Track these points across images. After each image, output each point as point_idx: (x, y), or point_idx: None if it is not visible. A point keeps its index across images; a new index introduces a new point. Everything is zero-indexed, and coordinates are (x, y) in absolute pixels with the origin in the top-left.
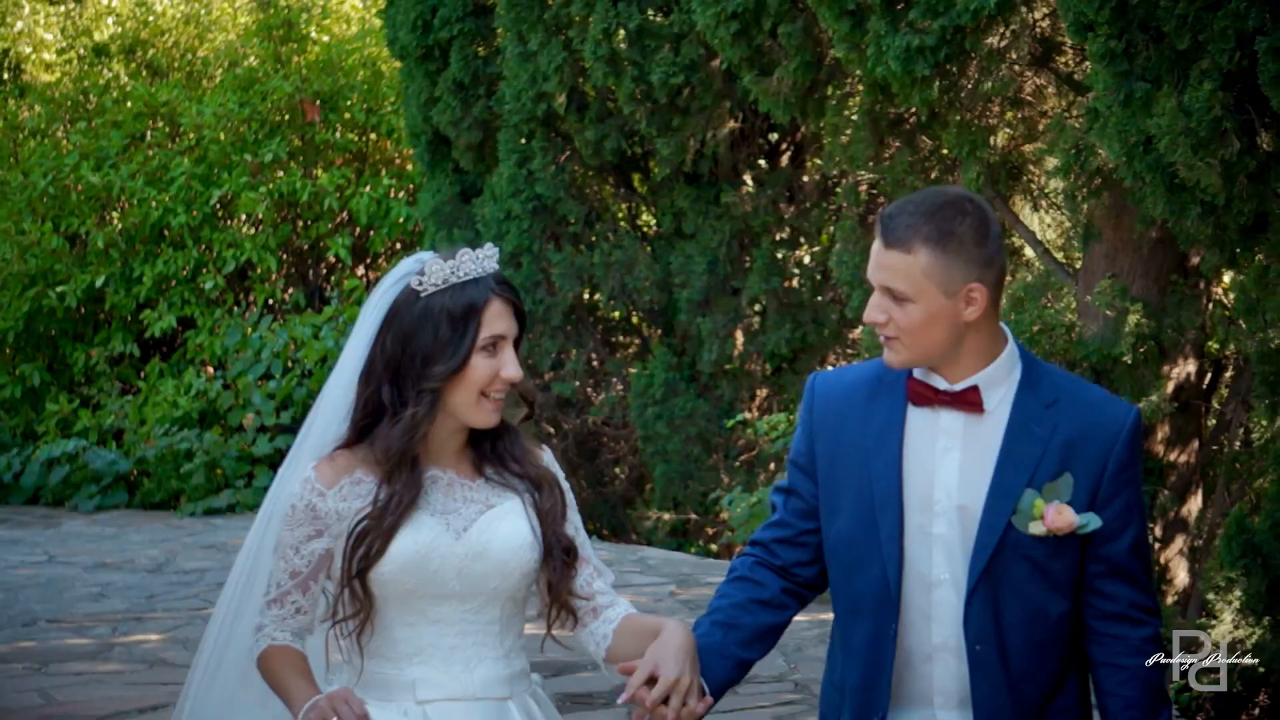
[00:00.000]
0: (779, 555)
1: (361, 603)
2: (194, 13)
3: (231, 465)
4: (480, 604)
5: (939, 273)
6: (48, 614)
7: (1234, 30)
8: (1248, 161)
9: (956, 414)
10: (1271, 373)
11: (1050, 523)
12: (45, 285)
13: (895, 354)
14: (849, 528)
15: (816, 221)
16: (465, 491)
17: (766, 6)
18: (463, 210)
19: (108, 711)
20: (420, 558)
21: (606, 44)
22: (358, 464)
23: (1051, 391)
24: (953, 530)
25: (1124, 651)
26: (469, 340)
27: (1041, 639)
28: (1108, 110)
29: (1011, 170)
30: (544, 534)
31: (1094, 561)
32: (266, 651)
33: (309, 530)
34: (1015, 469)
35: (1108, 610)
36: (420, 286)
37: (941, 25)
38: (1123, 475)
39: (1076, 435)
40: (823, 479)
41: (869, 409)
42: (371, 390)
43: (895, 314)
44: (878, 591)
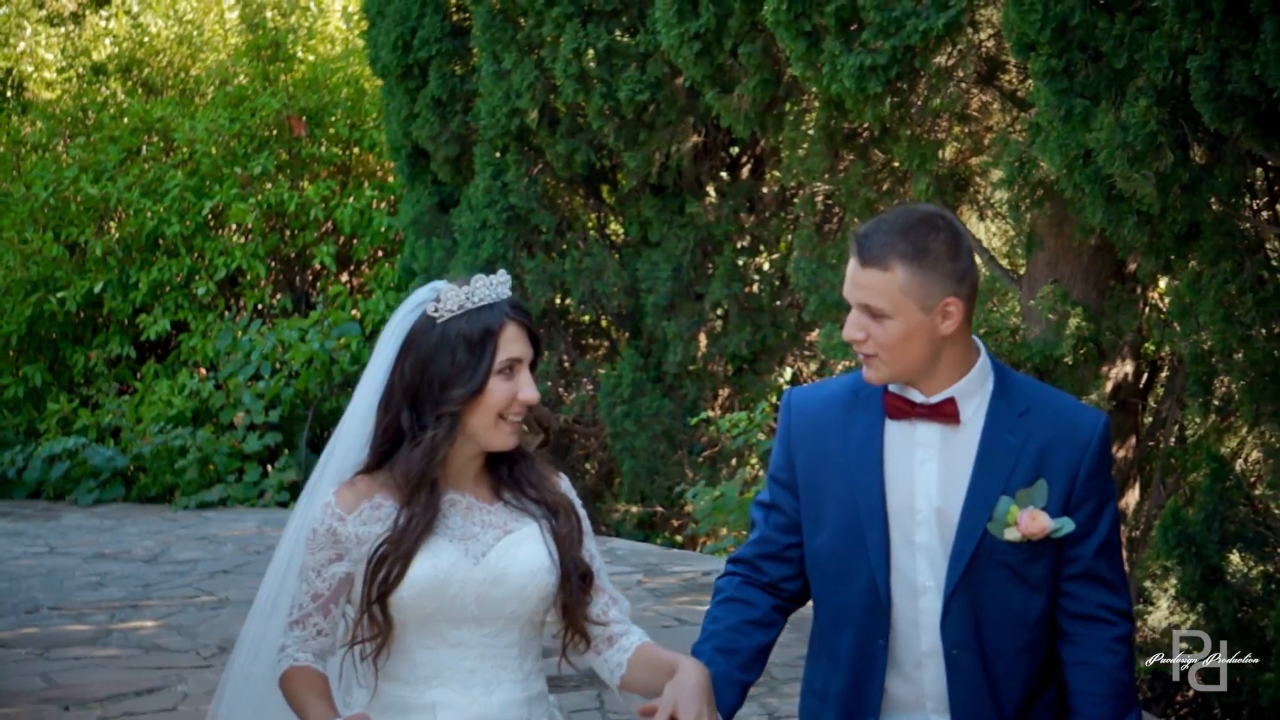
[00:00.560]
0: (766, 571)
1: (380, 627)
2: (187, 34)
3: (223, 461)
4: (499, 628)
5: (916, 289)
6: (49, 602)
7: (1168, 50)
8: (1181, 174)
9: (933, 425)
10: (1204, 373)
11: (1024, 528)
12: (46, 291)
13: (875, 371)
14: (834, 540)
15: (775, 230)
16: (483, 515)
17: (727, 27)
18: (441, 220)
19: (106, 694)
20: (439, 582)
21: (576, 63)
22: (377, 489)
23: (1023, 400)
24: (934, 538)
25: (1093, 650)
26: (486, 364)
27: (1023, 641)
28: (1049, 125)
29: (959, 182)
30: (561, 559)
31: (1066, 564)
32: (288, 672)
33: (330, 554)
34: (990, 477)
35: (1078, 610)
36: (436, 313)
37: (893, 45)
38: (1093, 480)
39: (1049, 442)
40: (804, 493)
41: (847, 423)
42: (391, 416)
43: (874, 331)
44: (866, 601)
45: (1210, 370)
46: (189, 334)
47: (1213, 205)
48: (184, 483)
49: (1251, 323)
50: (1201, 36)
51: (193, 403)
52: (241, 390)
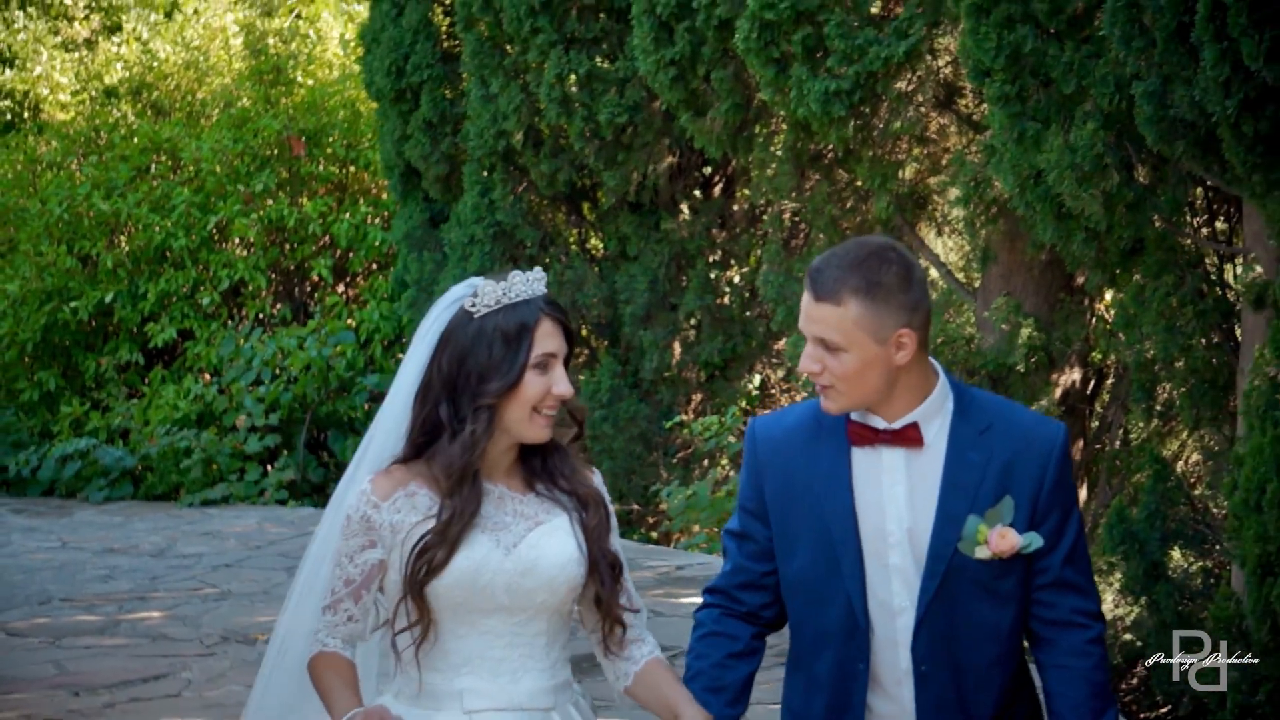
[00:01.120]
0: (743, 601)
1: (422, 614)
2: (193, 59)
3: (226, 461)
4: (527, 617)
5: (870, 322)
6: (61, 594)
7: (1114, 77)
8: (1126, 193)
9: (897, 450)
10: (1147, 380)
11: (994, 547)
12: (60, 301)
13: (832, 401)
14: (809, 566)
15: (745, 245)
16: (516, 505)
17: (701, 55)
18: (432, 235)
19: (114, 681)
20: (471, 573)
21: (559, 87)
22: (412, 478)
23: (983, 418)
24: (906, 559)
25: (1069, 654)
26: (522, 358)
27: (995, 654)
28: (1003, 147)
29: (918, 200)
30: (590, 550)
31: (1036, 574)
32: (317, 656)
33: (363, 540)
34: (957, 496)
35: (1052, 617)
36: (473, 308)
37: (856, 71)
38: (1057, 492)
39: (1012, 458)
40: (775, 521)
41: (812, 452)
42: (429, 408)
43: (830, 363)
44: (845, 624)
45: (1153, 378)
46: (194, 341)
47: (1155, 223)
48: (189, 481)
49: (1192, 333)
50: (1145, 64)
51: (197, 406)
52: (243, 395)
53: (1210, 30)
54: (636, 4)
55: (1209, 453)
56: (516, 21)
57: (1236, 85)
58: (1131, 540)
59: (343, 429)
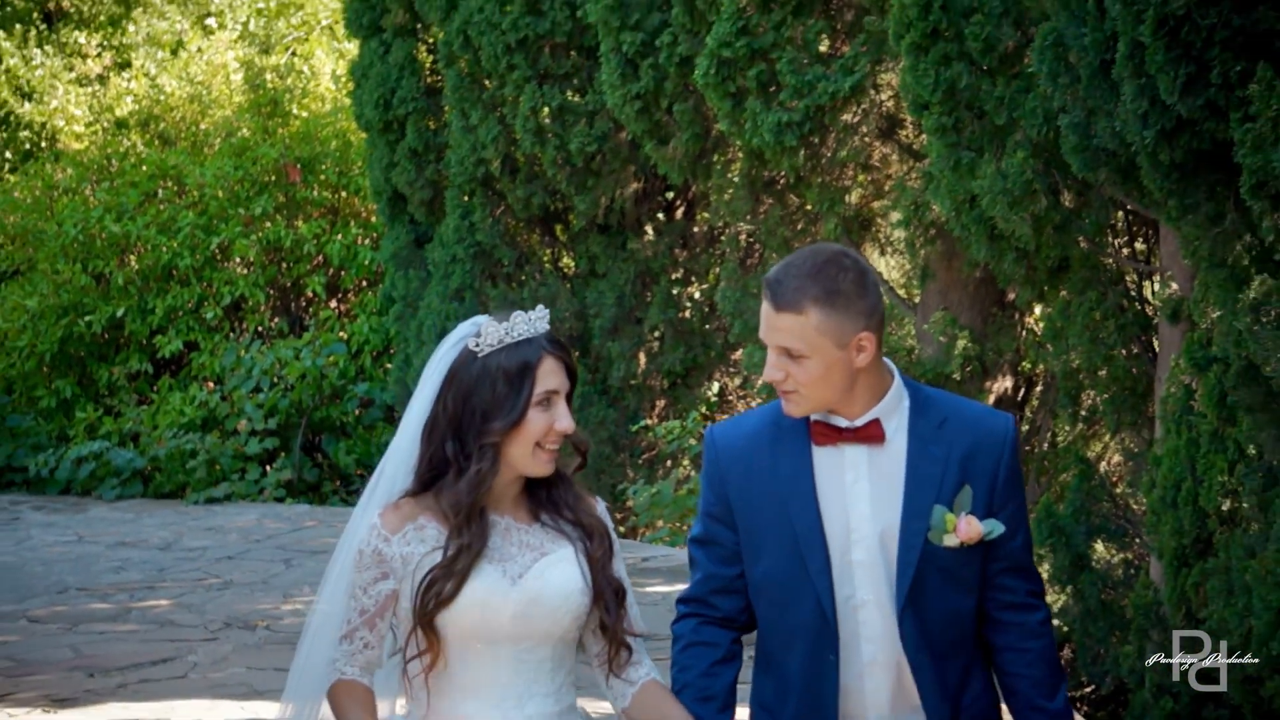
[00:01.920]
0: (718, 606)
1: (431, 644)
2: (197, 93)
3: (228, 462)
4: (533, 645)
5: (831, 328)
6: (77, 584)
7: (1041, 109)
8: (1053, 216)
9: (859, 447)
10: (1073, 387)
11: (963, 534)
12: (76, 315)
13: (795, 406)
14: (776, 567)
15: (705, 264)
16: (521, 536)
17: (664, 89)
18: (417, 254)
19: (126, 663)
20: (479, 603)
21: (534, 119)
22: (421, 511)
23: (938, 413)
24: (871, 554)
25: (1025, 635)
26: (525, 396)
27: (955, 638)
28: (940, 174)
29: (863, 223)
30: (594, 579)
31: (994, 560)
32: (336, 685)
33: (375, 573)
34: (922, 489)
35: (1008, 601)
36: (477, 348)
37: (806, 104)
38: (1012, 481)
39: (969, 449)
40: (741, 526)
41: (774, 455)
42: (435, 446)
43: (793, 370)
44: (814, 622)
45: (1078, 385)
46: (199, 352)
47: (1080, 243)
48: (194, 481)
49: (1113, 344)
50: (1070, 98)
51: (202, 412)
52: (244, 401)
53: (1130, 68)
54: (604, 42)
55: (1129, 454)
56: (494, 59)
57: (1154, 118)
58: (1058, 534)
59: (335, 432)
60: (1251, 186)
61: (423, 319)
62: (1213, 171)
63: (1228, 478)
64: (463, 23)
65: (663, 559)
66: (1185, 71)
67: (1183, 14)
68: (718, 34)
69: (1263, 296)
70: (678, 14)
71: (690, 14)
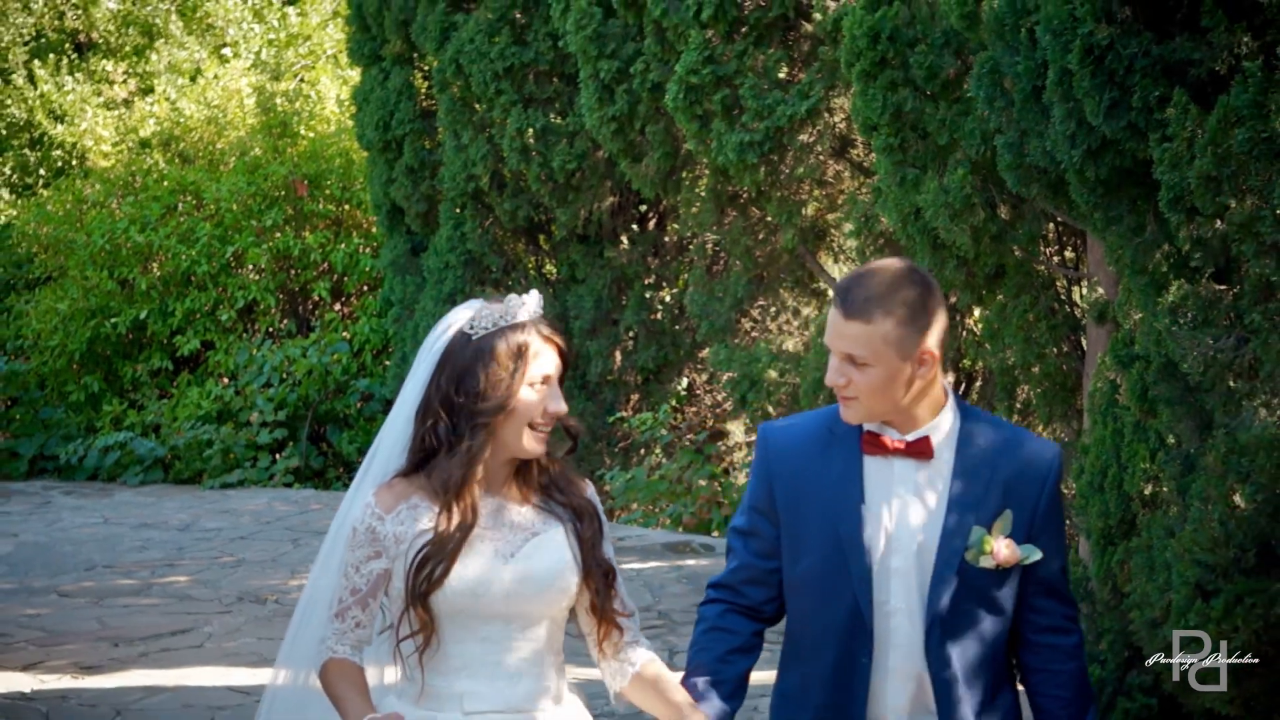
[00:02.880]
0: (747, 595)
1: (424, 624)
2: (214, 116)
3: (241, 451)
4: (525, 623)
5: (897, 340)
6: (104, 561)
7: (979, 130)
8: (990, 227)
9: (908, 461)
10: (1008, 383)
11: (1000, 557)
12: (103, 317)
13: (853, 412)
14: (817, 566)
15: (675, 270)
16: (513, 517)
17: (637, 112)
18: (413, 262)
19: (147, 634)
20: (472, 582)
21: (519, 139)
22: (414, 491)
23: (987, 436)
24: (908, 564)
25: (1058, 658)
26: (518, 378)
27: (985, 657)
28: (888, 189)
29: (818, 233)
30: (584, 559)
31: (1030, 584)
32: (327, 663)
33: (368, 551)
34: (963, 509)
35: (1042, 624)
36: (472, 330)
37: (766, 126)
38: (1053, 508)
39: (1013, 475)
40: (785, 523)
41: (825, 459)
42: (428, 426)
43: (855, 377)
44: (849, 622)
45: (1013, 380)
46: (215, 351)
47: (1015, 252)
48: (210, 468)
49: (1045, 343)
50: (1005, 120)
51: (217, 405)
52: (256, 395)
53: (1059, 92)
54: (584, 70)
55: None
56: (483, 85)
57: (1081, 138)
58: None
59: (339, 424)
60: (1169, 200)
61: (418, 320)
62: (1134, 187)
63: (1149, 465)
64: (455, 52)
65: (636, 539)
66: (1109, 96)
67: (1107, 44)
68: (686, 62)
69: (1180, 300)
70: (650, 44)
71: (661, 44)
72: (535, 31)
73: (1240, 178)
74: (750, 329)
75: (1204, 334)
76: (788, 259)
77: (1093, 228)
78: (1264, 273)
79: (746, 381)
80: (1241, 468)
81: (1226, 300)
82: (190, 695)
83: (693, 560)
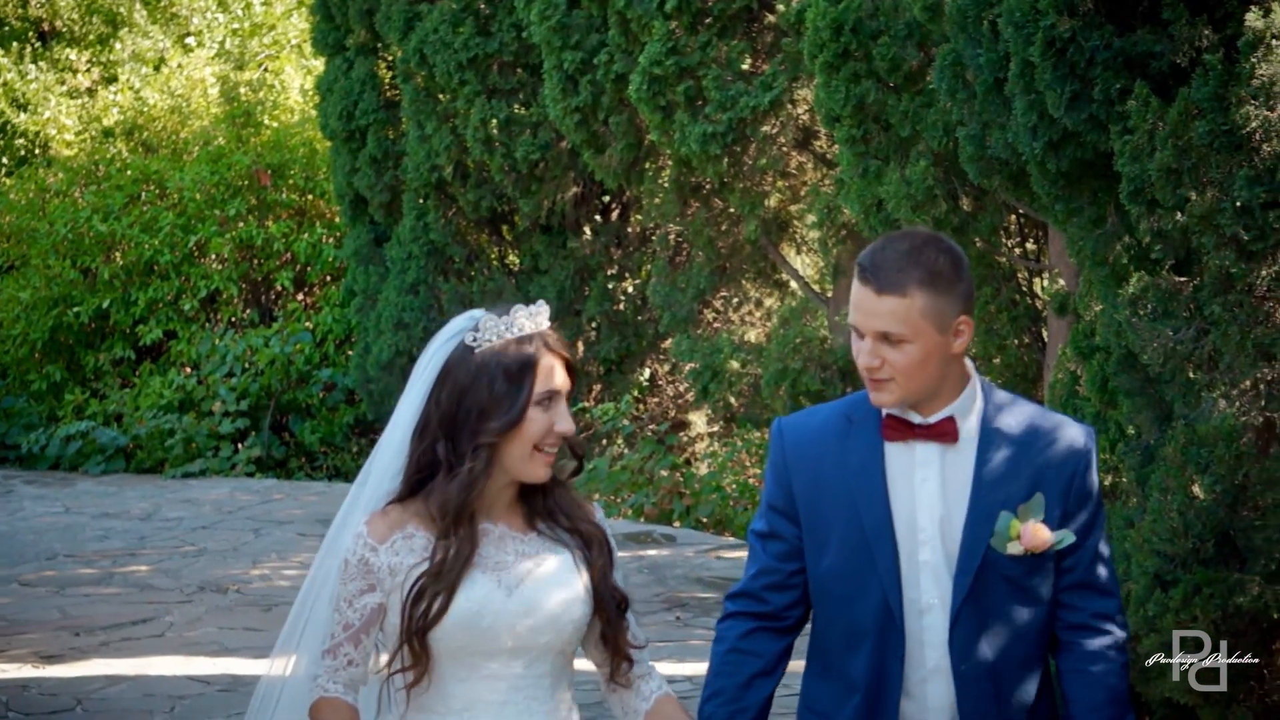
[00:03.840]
0: (770, 601)
1: (419, 660)
2: (178, 105)
3: (203, 440)
4: (531, 659)
5: (934, 312)
6: (65, 551)
7: (942, 123)
8: (952, 219)
9: (931, 445)
10: None
11: (1027, 542)
12: (65, 306)
13: (889, 394)
14: (842, 561)
15: (637, 261)
16: (516, 545)
17: (601, 103)
18: (376, 252)
19: (109, 623)
20: (473, 615)
21: (483, 130)
22: (410, 518)
23: (1014, 417)
24: (937, 556)
25: (1088, 658)
26: (524, 395)
27: (1024, 654)
28: (850, 180)
29: (781, 224)
30: (595, 589)
31: (1063, 574)
32: (317, 703)
33: (361, 585)
34: (990, 493)
35: (1073, 621)
36: (474, 343)
37: (729, 117)
38: (1087, 492)
39: (1043, 457)
40: (806, 519)
41: (844, 448)
42: (426, 446)
43: (890, 357)
44: (879, 619)
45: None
46: (177, 340)
47: (977, 243)
48: (172, 457)
49: (1007, 334)
50: (968, 112)
51: (179, 394)
52: (218, 385)
53: (1021, 85)
54: (547, 60)
55: None
56: (447, 75)
57: (1042, 130)
58: None
59: (301, 414)
60: (1130, 193)
61: (381, 310)
62: (1095, 179)
63: (1109, 455)
64: (419, 42)
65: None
66: (1071, 89)
67: (1069, 37)
68: (650, 53)
69: (1140, 292)
70: (614, 35)
71: (625, 35)
72: (499, 22)
73: (1200, 170)
74: (712, 320)
75: (1164, 325)
76: (750, 250)
77: (1054, 220)
78: (1224, 265)
79: (709, 372)
80: (1200, 458)
81: (1186, 292)
82: (151, 684)
83: (654, 550)
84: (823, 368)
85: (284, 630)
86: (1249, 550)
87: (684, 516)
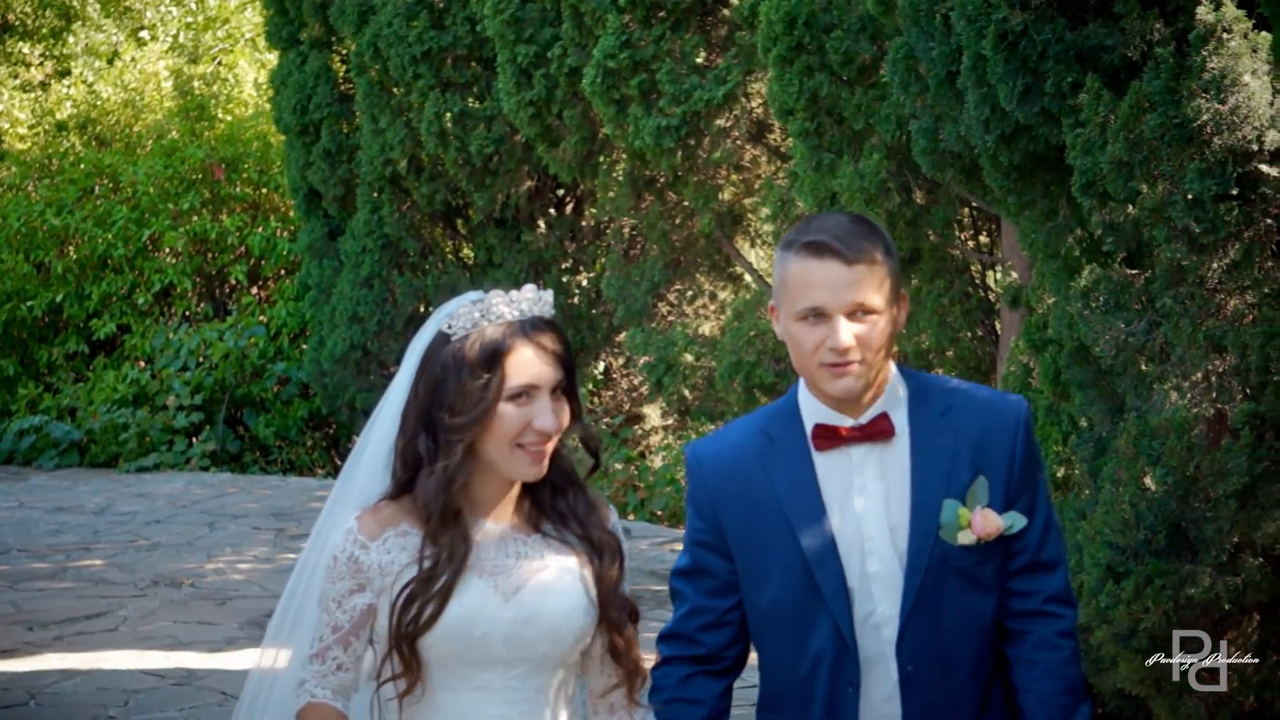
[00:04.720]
0: (704, 641)
1: (410, 667)
2: (131, 98)
3: (157, 435)
4: (528, 670)
5: (892, 281)
6: (18, 545)
7: (895, 116)
8: (906, 212)
9: (865, 446)
10: (924, 366)
11: (980, 529)
12: (18, 300)
13: (857, 378)
14: (785, 594)
15: (592, 254)
16: (518, 547)
17: (555, 96)
18: (331, 245)
19: (62, 617)
20: (466, 622)
21: (437, 123)
22: (403, 516)
23: (941, 400)
24: (888, 564)
25: (1039, 647)
26: (493, 389)
27: (979, 648)
28: (804, 174)
29: (735, 217)
30: (601, 598)
31: (1012, 557)
32: (304, 709)
33: (351, 584)
34: (930, 484)
35: (1024, 608)
36: (450, 329)
37: (683, 111)
38: (1029, 467)
39: (979, 437)
40: (739, 551)
41: (768, 469)
42: (408, 440)
43: (861, 333)
44: (832, 648)
45: (928, 364)
46: (131, 334)
47: (930, 236)
48: (126, 451)
49: (960, 327)
50: (920, 105)
51: (133, 389)
52: (172, 379)
53: (973, 78)
54: (501, 54)
55: None
56: (401, 69)
57: (994, 123)
58: None
59: (255, 407)
60: (1082, 186)
61: (335, 304)
62: (1047, 172)
63: (1062, 448)
64: (373, 36)
65: None
66: (1023, 82)
67: (1021, 30)
68: (604, 47)
69: (1092, 284)
70: (567, 29)
71: (579, 28)
72: (453, 15)
73: (1152, 163)
74: (667, 313)
75: (1116, 318)
76: (704, 243)
77: (1006, 212)
78: (1175, 257)
79: (663, 365)
80: (1152, 450)
81: (1138, 284)
82: (105, 679)
83: None
84: (776, 360)
85: (271, 623)
86: (1200, 541)
87: (638, 510)
